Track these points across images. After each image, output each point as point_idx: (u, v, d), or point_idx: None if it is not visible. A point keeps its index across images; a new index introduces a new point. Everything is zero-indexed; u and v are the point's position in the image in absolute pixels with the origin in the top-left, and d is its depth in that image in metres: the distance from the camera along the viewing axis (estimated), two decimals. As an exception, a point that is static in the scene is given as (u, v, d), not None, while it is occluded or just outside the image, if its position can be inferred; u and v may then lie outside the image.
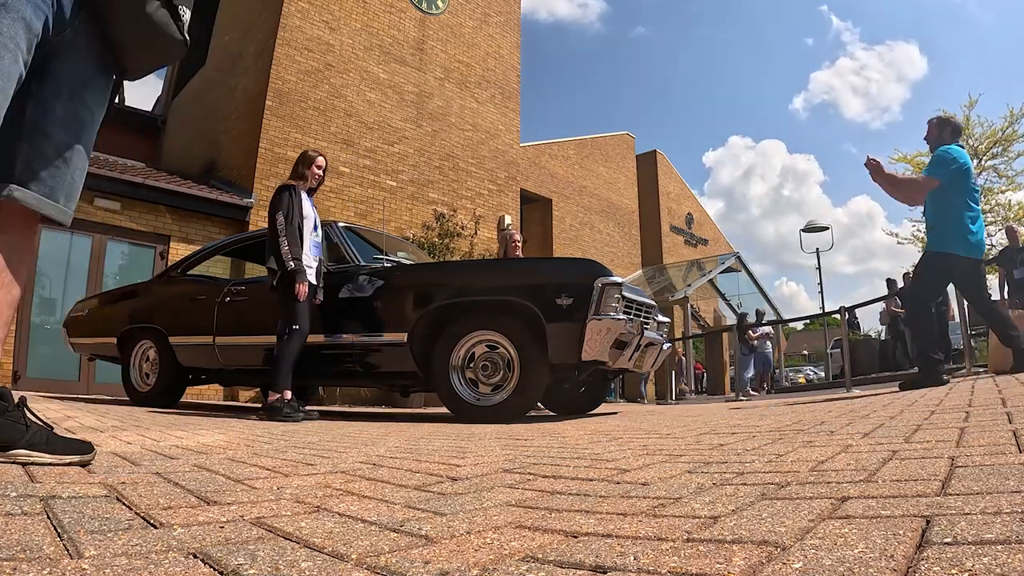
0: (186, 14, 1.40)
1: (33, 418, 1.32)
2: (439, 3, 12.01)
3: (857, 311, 11.91)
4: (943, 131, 4.15)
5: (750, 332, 11.38)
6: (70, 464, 1.30)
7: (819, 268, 17.42)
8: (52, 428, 1.35)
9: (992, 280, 8.93)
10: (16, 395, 1.34)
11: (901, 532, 0.65)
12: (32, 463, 1.25)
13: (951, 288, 4.76)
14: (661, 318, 4.39)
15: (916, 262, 4.78)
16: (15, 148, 1.27)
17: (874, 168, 4.02)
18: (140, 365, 4.87)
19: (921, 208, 4.28)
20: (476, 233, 11.17)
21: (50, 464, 1.27)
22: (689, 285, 16.91)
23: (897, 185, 4.22)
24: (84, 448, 1.36)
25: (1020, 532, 0.61)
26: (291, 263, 3.60)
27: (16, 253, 1.33)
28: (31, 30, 1.14)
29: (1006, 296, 7.86)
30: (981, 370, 5.57)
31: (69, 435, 1.43)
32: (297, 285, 3.59)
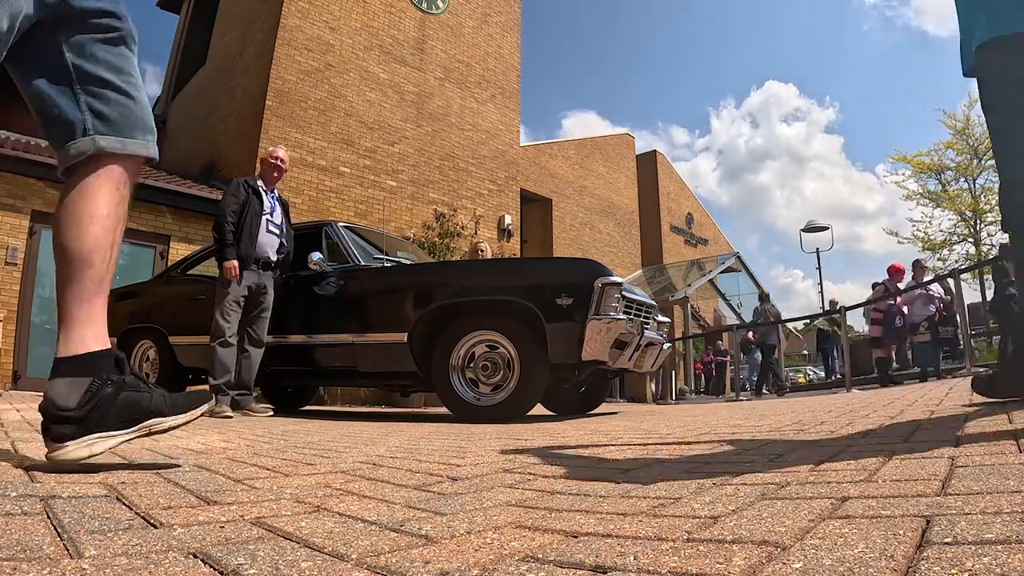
0: None
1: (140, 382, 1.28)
2: (439, 3, 12.02)
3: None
4: None
5: (748, 334, 11.39)
6: (202, 416, 1.29)
7: (819, 268, 17.48)
8: (156, 387, 1.30)
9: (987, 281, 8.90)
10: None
11: (901, 532, 0.65)
12: (169, 429, 1.24)
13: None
14: (661, 318, 4.39)
15: None
16: (76, 100, 1.22)
17: None
18: (140, 365, 4.87)
19: None
20: (476, 233, 11.18)
21: (184, 424, 1.25)
22: (689, 285, 16.90)
23: None
24: (201, 399, 1.31)
25: (1020, 532, 0.61)
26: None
27: (122, 203, 1.28)
28: None
29: None
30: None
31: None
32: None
